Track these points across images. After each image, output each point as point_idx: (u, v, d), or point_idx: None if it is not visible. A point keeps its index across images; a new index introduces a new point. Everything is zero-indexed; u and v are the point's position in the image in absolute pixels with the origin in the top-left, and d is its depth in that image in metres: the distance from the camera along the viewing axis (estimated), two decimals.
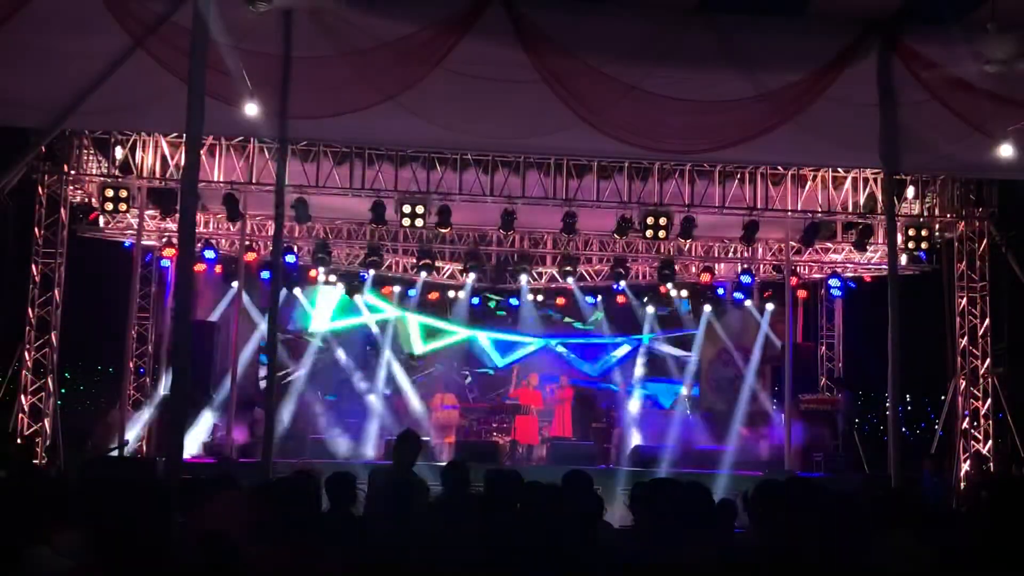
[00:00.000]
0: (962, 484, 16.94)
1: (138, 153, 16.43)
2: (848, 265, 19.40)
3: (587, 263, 20.88)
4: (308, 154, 16.17)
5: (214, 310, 19.33)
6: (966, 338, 17.78)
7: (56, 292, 16.64)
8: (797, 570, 4.21)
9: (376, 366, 20.76)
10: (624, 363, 22.19)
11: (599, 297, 21.34)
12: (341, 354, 20.81)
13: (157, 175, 16.40)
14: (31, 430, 16.40)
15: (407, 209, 16.29)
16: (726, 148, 11.64)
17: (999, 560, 4.18)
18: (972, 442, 17.54)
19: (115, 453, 15.17)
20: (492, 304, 21.73)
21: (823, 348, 21.56)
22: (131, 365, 18.21)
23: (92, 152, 16.63)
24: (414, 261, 19.86)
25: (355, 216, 18.05)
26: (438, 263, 20.55)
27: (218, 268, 18.74)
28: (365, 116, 11.10)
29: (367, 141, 15.40)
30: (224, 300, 19.10)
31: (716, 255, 19.81)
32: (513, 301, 21.69)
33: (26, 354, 16.47)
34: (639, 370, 21.77)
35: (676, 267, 19.39)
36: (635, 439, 19.03)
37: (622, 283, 20.11)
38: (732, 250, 19.52)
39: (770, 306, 20.33)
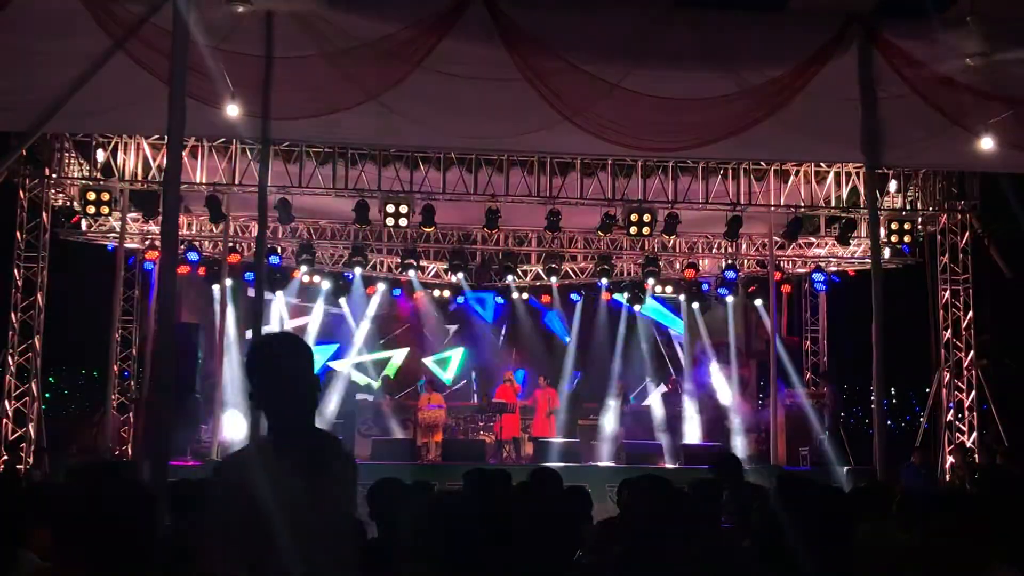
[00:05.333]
0: (947, 476, 17.02)
1: (120, 156, 16.35)
2: (832, 259, 19.46)
3: (571, 261, 20.88)
4: (291, 155, 16.12)
5: (205, 313, 19.26)
6: (950, 330, 17.84)
7: (39, 296, 16.51)
8: (783, 563, 4.22)
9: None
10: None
11: None
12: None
13: (139, 177, 16.32)
14: (15, 435, 16.30)
15: (391, 209, 16.28)
16: (709, 144, 11.67)
17: (982, 549, 4.20)
18: (957, 434, 17.63)
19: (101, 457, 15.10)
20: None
21: (807, 342, 21.64)
22: (115, 368, 18.10)
23: (73, 155, 16.57)
24: (399, 260, 19.85)
25: (339, 216, 18.04)
26: (423, 262, 20.55)
27: (201, 270, 18.66)
28: (348, 116, 11.09)
29: (350, 141, 15.35)
30: (216, 306, 18.93)
31: (700, 251, 19.85)
32: (499, 299, 21.72)
33: (9, 359, 16.35)
34: None
35: (660, 263, 19.45)
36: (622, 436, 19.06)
37: (606, 280, 20.16)
38: (716, 246, 19.56)
39: (758, 301, 20.36)
